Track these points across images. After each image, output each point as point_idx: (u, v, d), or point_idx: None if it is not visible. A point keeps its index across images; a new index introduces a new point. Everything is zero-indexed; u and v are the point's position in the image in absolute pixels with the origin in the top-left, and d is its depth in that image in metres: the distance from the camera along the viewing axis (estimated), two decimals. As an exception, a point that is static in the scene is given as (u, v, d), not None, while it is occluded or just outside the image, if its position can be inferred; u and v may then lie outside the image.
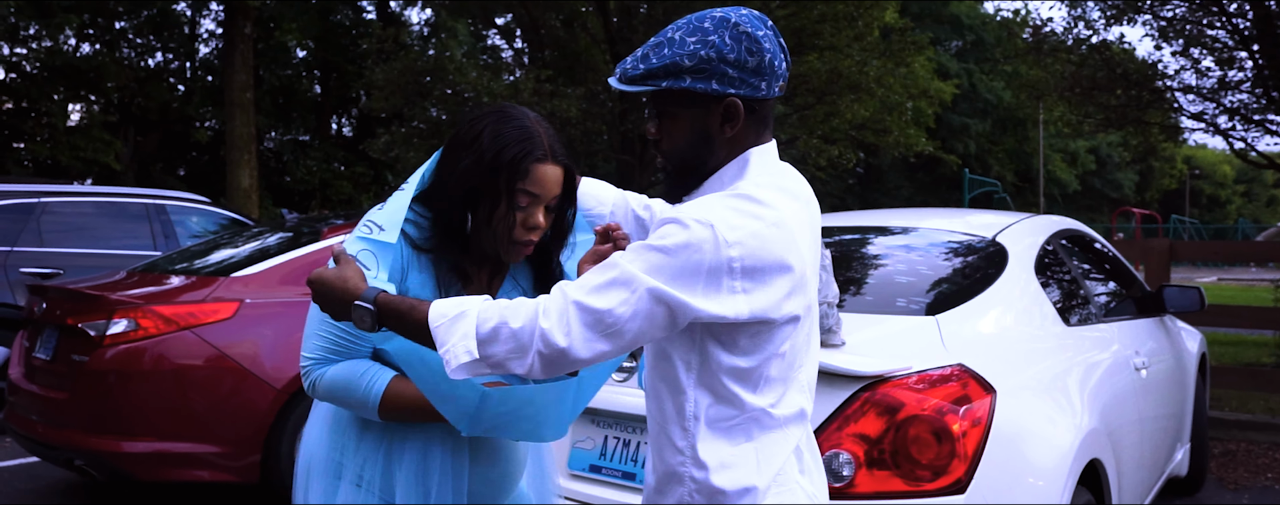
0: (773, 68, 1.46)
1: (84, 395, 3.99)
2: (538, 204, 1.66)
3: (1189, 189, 57.90)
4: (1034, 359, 2.65)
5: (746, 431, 1.45)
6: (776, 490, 1.46)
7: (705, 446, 1.45)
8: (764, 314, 1.39)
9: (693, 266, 1.34)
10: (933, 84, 22.60)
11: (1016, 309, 2.81)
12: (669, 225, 1.38)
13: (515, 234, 1.66)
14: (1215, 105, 8.99)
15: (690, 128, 1.49)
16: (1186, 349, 4.44)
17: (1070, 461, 2.39)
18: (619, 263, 1.37)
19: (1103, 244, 4.20)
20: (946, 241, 3.22)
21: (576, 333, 1.33)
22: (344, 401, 1.65)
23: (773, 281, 1.39)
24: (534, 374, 1.37)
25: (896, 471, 2.12)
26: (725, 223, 1.36)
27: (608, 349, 1.36)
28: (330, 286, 1.47)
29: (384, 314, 1.43)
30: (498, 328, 1.35)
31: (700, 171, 1.52)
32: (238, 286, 4.22)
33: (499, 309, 1.37)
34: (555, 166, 1.65)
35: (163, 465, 3.93)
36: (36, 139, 18.84)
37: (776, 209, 1.42)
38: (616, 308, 1.34)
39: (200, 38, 24.47)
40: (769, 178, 1.49)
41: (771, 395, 1.46)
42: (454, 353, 1.36)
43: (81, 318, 4.08)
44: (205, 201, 7.93)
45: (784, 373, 1.47)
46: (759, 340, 1.42)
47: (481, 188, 1.64)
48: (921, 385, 2.20)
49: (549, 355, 1.34)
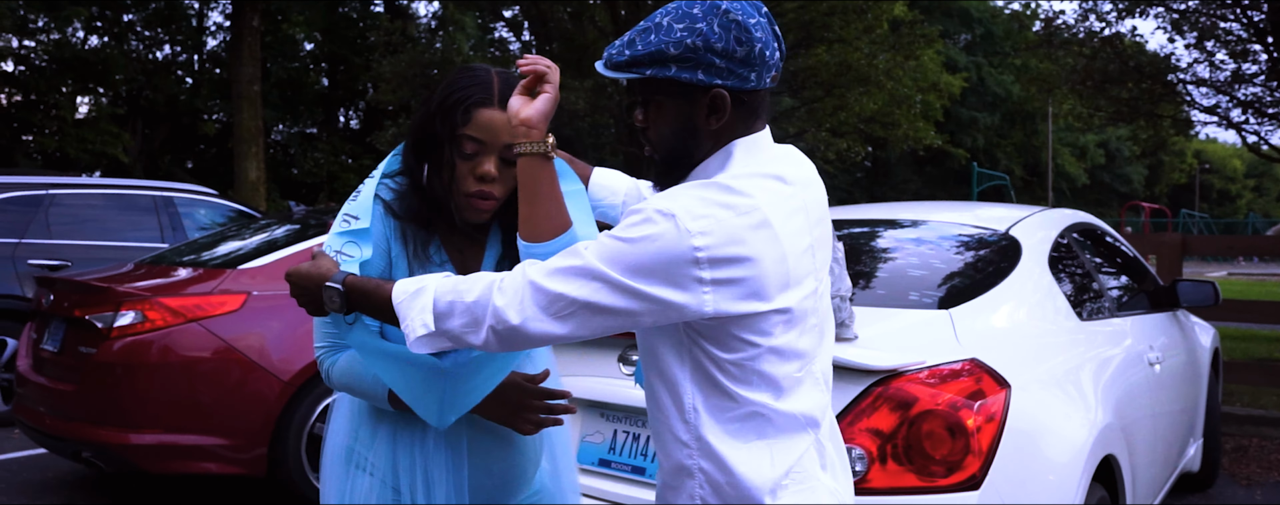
0: (763, 58, 1.40)
1: (91, 387, 3.99)
2: (487, 153, 1.58)
3: (1199, 183, 57.65)
4: (1048, 354, 2.61)
5: (756, 428, 1.42)
6: (796, 487, 1.43)
7: (712, 436, 1.42)
8: (736, 308, 1.35)
9: (651, 257, 1.32)
10: (942, 77, 22.51)
11: (1030, 303, 2.78)
12: (633, 216, 1.36)
13: (464, 185, 1.60)
14: (1228, 98, 8.91)
15: (675, 118, 1.45)
16: (1200, 343, 4.40)
17: (1085, 458, 2.36)
18: (580, 251, 1.35)
19: (1115, 237, 4.16)
20: (958, 234, 3.18)
21: (529, 311, 1.34)
22: (356, 389, 1.64)
23: (746, 273, 1.34)
24: (490, 347, 1.38)
25: (910, 467, 2.09)
26: (689, 212, 1.32)
27: (560, 332, 1.35)
28: (304, 275, 1.49)
29: (351, 294, 1.46)
30: (453, 302, 1.37)
31: (686, 163, 1.48)
32: (245, 279, 4.21)
33: (454, 283, 1.39)
34: (502, 111, 1.56)
35: (170, 457, 3.93)
36: (45, 132, 18.89)
37: (751, 198, 1.36)
38: (570, 292, 1.33)
39: (208, 30, 24.51)
40: (755, 166, 1.44)
41: (771, 391, 1.42)
42: (412, 327, 1.39)
43: (89, 310, 4.07)
44: (212, 194, 7.92)
45: (785, 368, 1.42)
46: (745, 334, 1.38)
47: (429, 136, 1.61)
48: (935, 380, 2.17)
49: (501, 331, 1.35)
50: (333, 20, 23.01)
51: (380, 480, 1.66)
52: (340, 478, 1.70)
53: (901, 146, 17.53)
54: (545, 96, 1.52)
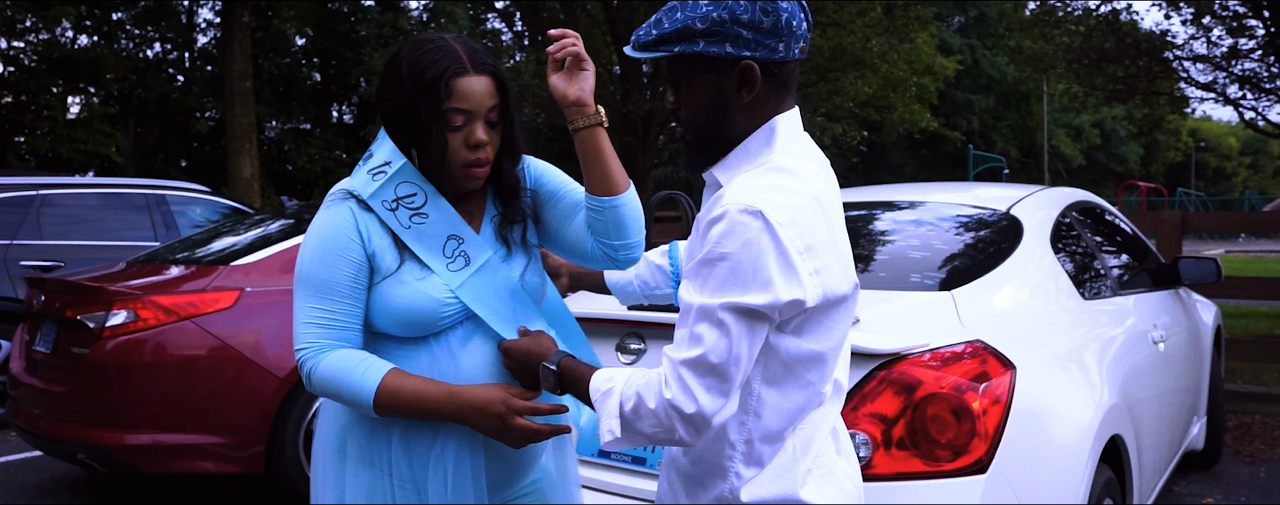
0: (790, 28, 1.37)
1: (84, 388, 3.94)
2: (474, 120, 1.58)
3: (1194, 162, 57.62)
4: (1052, 334, 2.57)
5: (796, 418, 1.41)
6: (817, 473, 1.41)
7: (763, 442, 1.40)
8: (833, 292, 1.35)
9: (754, 262, 1.28)
10: (936, 60, 22.43)
11: (1033, 283, 2.74)
12: (715, 227, 1.30)
13: (459, 156, 1.60)
14: (1225, 74, 8.86)
15: (706, 93, 1.42)
16: (1202, 321, 4.37)
17: (1092, 439, 2.32)
18: (687, 299, 1.32)
19: (1116, 215, 4.12)
20: (958, 215, 3.14)
21: (697, 391, 1.30)
22: (339, 395, 1.58)
23: (828, 256, 1.35)
24: (689, 441, 1.34)
25: (915, 452, 2.05)
26: (772, 204, 1.30)
27: (734, 386, 1.32)
28: (523, 351, 1.56)
29: (564, 377, 1.50)
30: (638, 407, 1.35)
31: (721, 140, 1.44)
32: (238, 275, 4.17)
33: (637, 386, 1.36)
34: (479, 77, 1.57)
35: (165, 457, 3.89)
36: (36, 132, 18.77)
37: (812, 181, 1.38)
38: (713, 346, 1.29)
39: (198, 27, 24.33)
40: (800, 146, 1.43)
41: (822, 381, 1.42)
42: (604, 429, 1.40)
43: (80, 310, 4.02)
44: (206, 191, 7.86)
45: (833, 354, 1.43)
46: (829, 321, 1.38)
47: (414, 118, 1.58)
48: (938, 362, 2.13)
49: (689, 424, 1.32)
50: (324, 14, 22.84)
51: (383, 472, 1.62)
52: (335, 473, 1.66)
53: (897, 130, 17.47)
54: (586, 73, 1.59)
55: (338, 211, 1.62)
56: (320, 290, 1.58)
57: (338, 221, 1.60)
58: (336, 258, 1.58)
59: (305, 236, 1.64)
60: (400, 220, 1.61)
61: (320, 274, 1.58)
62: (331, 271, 1.58)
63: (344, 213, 1.61)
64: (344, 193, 1.64)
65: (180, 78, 23.73)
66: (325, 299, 1.58)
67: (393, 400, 1.55)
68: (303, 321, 1.59)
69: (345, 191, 1.64)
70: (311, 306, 1.58)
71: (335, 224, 1.60)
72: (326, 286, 1.58)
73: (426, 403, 1.55)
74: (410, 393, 1.55)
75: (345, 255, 1.59)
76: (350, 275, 1.59)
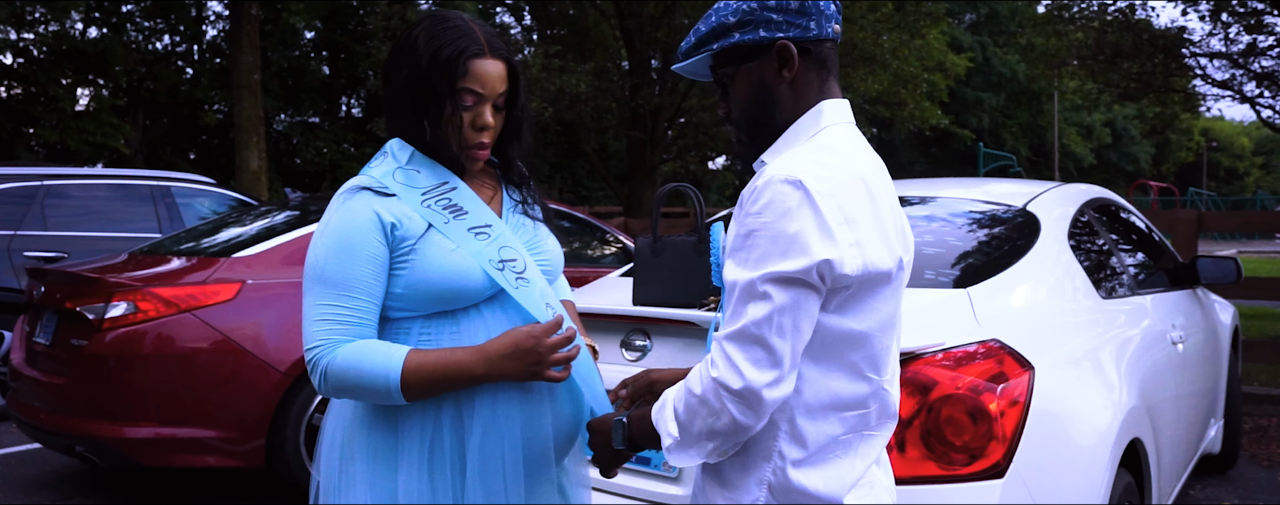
0: (818, 7, 1.43)
1: (84, 380, 3.90)
2: (483, 103, 1.59)
3: (1206, 162, 57.26)
4: (1070, 334, 2.50)
5: (840, 401, 1.37)
6: (861, 486, 1.39)
7: (805, 418, 1.36)
8: (875, 265, 1.32)
9: (792, 229, 1.27)
10: (947, 57, 22.31)
11: (1050, 281, 2.66)
12: (756, 200, 1.30)
13: (465, 136, 1.60)
14: (1243, 72, 8.74)
15: (750, 82, 1.46)
16: (1221, 321, 4.28)
17: (1112, 442, 2.25)
18: (731, 277, 1.31)
19: (1133, 213, 4.04)
20: (973, 211, 3.06)
21: (744, 365, 1.27)
22: (360, 385, 1.50)
23: (869, 230, 1.33)
24: (745, 422, 1.30)
25: (930, 455, 1.98)
26: (813, 175, 1.30)
27: (784, 358, 1.28)
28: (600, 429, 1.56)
29: (633, 425, 1.48)
30: (688, 401, 1.33)
31: (770, 126, 1.46)
32: (240, 267, 4.11)
33: (685, 384, 1.36)
34: (495, 61, 1.59)
35: (165, 451, 3.84)
36: (45, 124, 18.78)
37: (858, 162, 1.38)
38: (754, 317, 1.27)
39: (207, 19, 24.34)
40: (848, 131, 1.44)
41: (886, 371, 1.40)
42: (665, 440, 1.37)
43: (80, 301, 3.97)
44: (210, 183, 7.82)
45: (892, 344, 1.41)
46: (873, 300, 1.35)
47: (425, 94, 1.58)
48: (954, 362, 2.06)
49: (740, 400, 1.29)
50: (332, 8, 22.79)
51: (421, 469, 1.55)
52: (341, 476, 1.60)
53: (907, 127, 17.34)
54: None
55: (355, 205, 1.56)
56: (336, 287, 1.53)
57: (355, 215, 1.55)
58: (354, 253, 1.53)
59: (318, 232, 1.58)
60: (438, 215, 1.60)
61: (337, 270, 1.53)
62: (349, 267, 1.53)
63: (361, 205, 1.56)
64: (357, 187, 1.59)
65: (189, 71, 23.73)
66: (341, 296, 1.53)
67: (420, 374, 1.49)
68: (314, 319, 1.53)
69: (359, 186, 1.59)
70: (325, 304, 1.53)
71: (353, 218, 1.55)
72: (343, 283, 1.53)
73: (457, 366, 1.51)
74: (437, 362, 1.51)
75: (364, 250, 1.53)
76: (370, 271, 1.54)
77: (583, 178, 30.11)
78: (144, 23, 22.72)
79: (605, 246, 6.45)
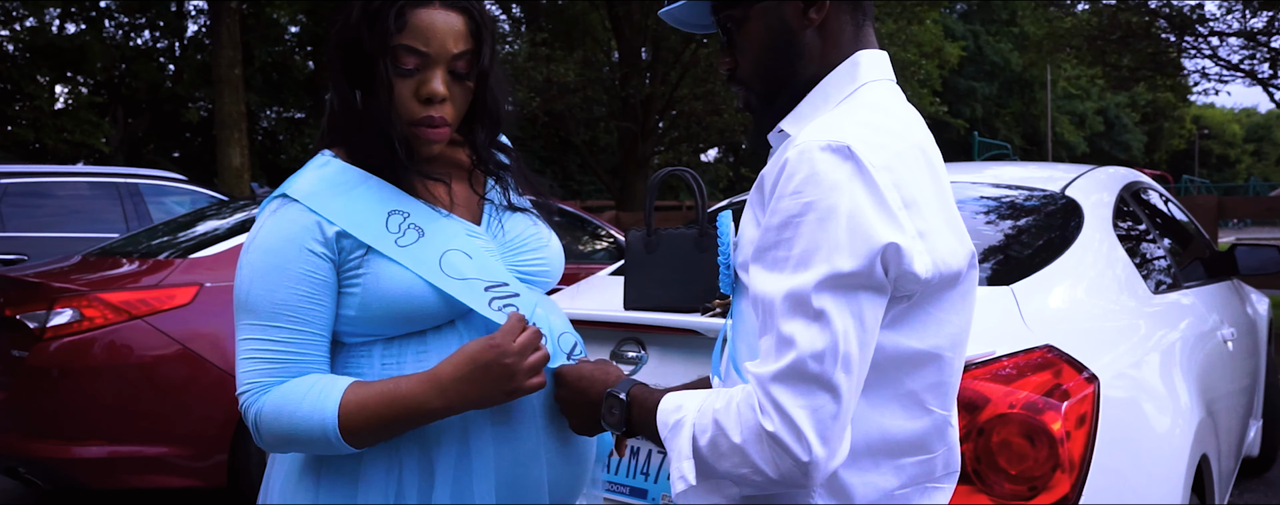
0: None
1: (25, 395, 3.57)
2: (432, 66, 1.22)
3: (1198, 149, 57.18)
4: (1128, 336, 2.18)
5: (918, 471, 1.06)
6: None
7: (847, 465, 1.02)
8: (946, 265, 0.99)
9: (848, 211, 0.93)
10: (943, 44, 22.08)
11: (1100, 276, 2.35)
12: (788, 178, 0.95)
13: (408, 111, 1.23)
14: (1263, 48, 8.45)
15: (765, 27, 1.11)
16: (1259, 314, 3.98)
17: (1185, 463, 1.94)
18: (764, 289, 0.97)
19: (1167, 197, 3.73)
20: (1005, 197, 2.74)
21: (805, 423, 0.93)
22: (295, 436, 1.20)
23: (935, 217, 0.99)
24: (789, 487, 0.98)
25: (980, 487, 1.66)
26: (864, 142, 0.96)
27: (848, 398, 0.94)
28: (584, 375, 1.22)
29: (634, 408, 1.13)
30: (716, 439, 0.99)
31: (793, 84, 1.10)
32: (197, 269, 3.79)
33: (714, 413, 1.00)
34: (446, 11, 1.21)
35: (117, 471, 3.52)
36: (21, 122, 18.39)
37: (913, 128, 1.06)
38: (817, 351, 0.93)
39: (188, 15, 23.90)
40: (892, 89, 1.09)
41: (953, 403, 1.07)
42: (676, 474, 1.02)
43: (20, 308, 3.64)
44: (183, 180, 7.49)
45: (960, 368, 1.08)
46: (938, 310, 1.02)
47: (356, 52, 1.21)
48: (1006, 374, 1.74)
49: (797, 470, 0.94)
50: (316, 1, 22.39)
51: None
52: None
53: (903, 116, 17.11)
54: None
55: (284, 216, 1.23)
56: (264, 317, 1.21)
57: (285, 228, 1.22)
58: (285, 273, 1.20)
59: (243, 250, 1.25)
60: (392, 241, 1.24)
61: (263, 296, 1.21)
62: (277, 292, 1.20)
63: (292, 216, 1.23)
64: (284, 197, 1.25)
65: (170, 67, 23.30)
66: (270, 328, 1.21)
67: (362, 416, 1.17)
68: (241, 358, 1.22)
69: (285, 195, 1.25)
70: (252, 339, 1.21)
71: (282, 232, 1.22)
72: (272, 312, 1.21)
73: (403, 401, 1.18)
74: (380, 398, 1.18)
75: (296, 268, 1.21)
76: (306, 293, 1.21)
77: (573, 171, 29.80)
78: (123, 18, 22.28)
79: (597, 241, 6.15)
